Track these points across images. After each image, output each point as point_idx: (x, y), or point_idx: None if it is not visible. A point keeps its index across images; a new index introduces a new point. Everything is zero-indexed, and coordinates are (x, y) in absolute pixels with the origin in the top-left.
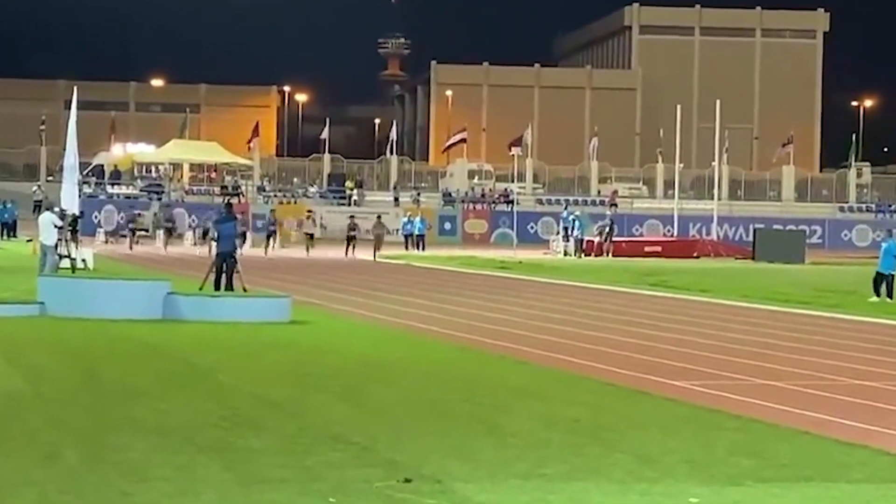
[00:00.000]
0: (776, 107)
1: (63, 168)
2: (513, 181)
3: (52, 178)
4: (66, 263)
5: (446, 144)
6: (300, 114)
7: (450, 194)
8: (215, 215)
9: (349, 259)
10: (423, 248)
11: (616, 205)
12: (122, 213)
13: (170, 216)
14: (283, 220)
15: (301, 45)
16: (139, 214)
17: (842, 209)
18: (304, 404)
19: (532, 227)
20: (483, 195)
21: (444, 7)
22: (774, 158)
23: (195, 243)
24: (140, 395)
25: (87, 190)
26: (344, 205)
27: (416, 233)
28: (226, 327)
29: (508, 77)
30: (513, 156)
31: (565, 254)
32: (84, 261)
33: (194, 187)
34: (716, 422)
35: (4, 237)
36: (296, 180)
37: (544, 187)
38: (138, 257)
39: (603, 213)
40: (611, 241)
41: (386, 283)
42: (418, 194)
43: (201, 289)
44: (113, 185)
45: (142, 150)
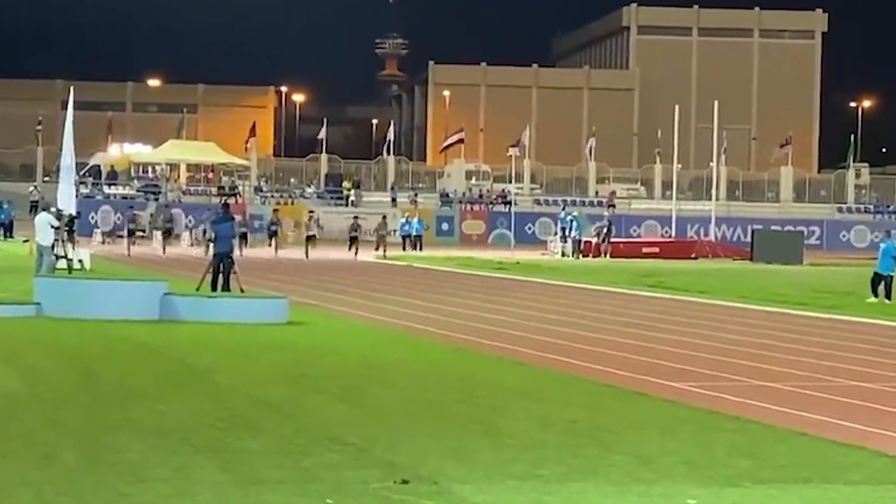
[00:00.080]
0: (774, 107)
1: (60, 168)
2: (510, 182)
3: (48, 178)
4: (62, 264)
5: (444, 145)
6: (297, 114)
7: (447, 195)
8: (213, 216)
9: (352, 260)
10: (420, 249)
11: (614, 205)
12: (120, 214)
13: (169, 217)
14: (282, 221)
15: (299, 45)
16: (137, 215)
17: (840, 210)
18: (301, 405)
19: (530, 228)
20: (480, 196)
21: (442, 7)
22: (773, 159)
23: (192, 244)
24: (137, 395)
25: (84, 190)
26: (341, 205)
27: (414, 233)
28: (223, 328)
29: (506, 77)
30: (510, 156)
31: (563, 254)
32: (81, 261)
33: (191, 188)
34: (714, 423)
35: (1, 238)
36: (293, 181)
37: (542, 188)
38: (135, 258)
39: (601, 213)
40: (608, 242)
41: (383, 284)
42: (416, 195)
43: (198, 289)
44: (110, 185)
45: (139, 151)
